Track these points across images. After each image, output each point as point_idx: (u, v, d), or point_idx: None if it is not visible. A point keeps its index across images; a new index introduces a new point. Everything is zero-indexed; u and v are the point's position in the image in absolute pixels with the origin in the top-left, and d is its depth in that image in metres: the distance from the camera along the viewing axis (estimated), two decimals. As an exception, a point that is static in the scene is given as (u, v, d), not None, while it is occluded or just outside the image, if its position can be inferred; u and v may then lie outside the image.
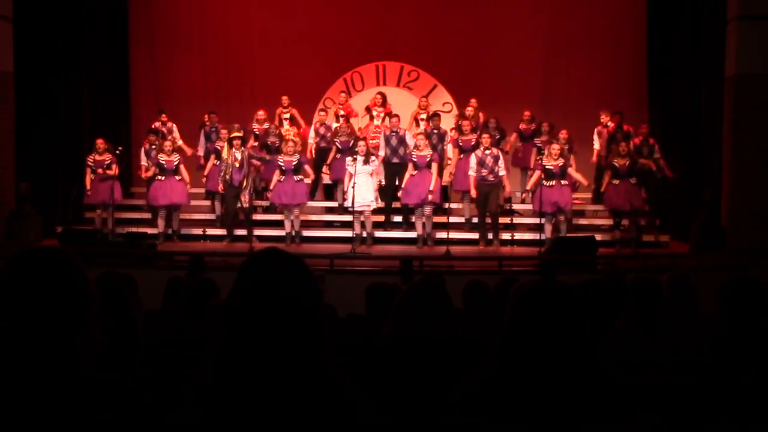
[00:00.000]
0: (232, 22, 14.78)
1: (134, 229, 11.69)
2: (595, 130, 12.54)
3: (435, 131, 12.08)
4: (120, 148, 12.38)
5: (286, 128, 12.74)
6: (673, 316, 4.26)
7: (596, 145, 12.47)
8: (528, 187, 11.70)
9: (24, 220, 11.69)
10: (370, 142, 12.72)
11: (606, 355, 3.39)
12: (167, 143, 11.84)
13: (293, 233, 11.52)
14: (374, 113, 12.98)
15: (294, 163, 11.39)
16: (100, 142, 11.82)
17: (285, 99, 13.02)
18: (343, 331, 4.57)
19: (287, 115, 12.99)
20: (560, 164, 11.06)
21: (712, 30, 11.93)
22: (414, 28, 14.56)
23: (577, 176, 11.49)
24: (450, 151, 12.18)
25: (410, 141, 11.79)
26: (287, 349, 1.75)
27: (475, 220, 11.75)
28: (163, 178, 11.60)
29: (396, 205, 11.95)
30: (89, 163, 11.76)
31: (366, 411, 1.79)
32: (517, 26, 14.53)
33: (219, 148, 11.84)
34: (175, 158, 11.68)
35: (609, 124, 12.45)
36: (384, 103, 12.96)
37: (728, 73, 11.47)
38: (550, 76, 14.56)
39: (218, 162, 11.74)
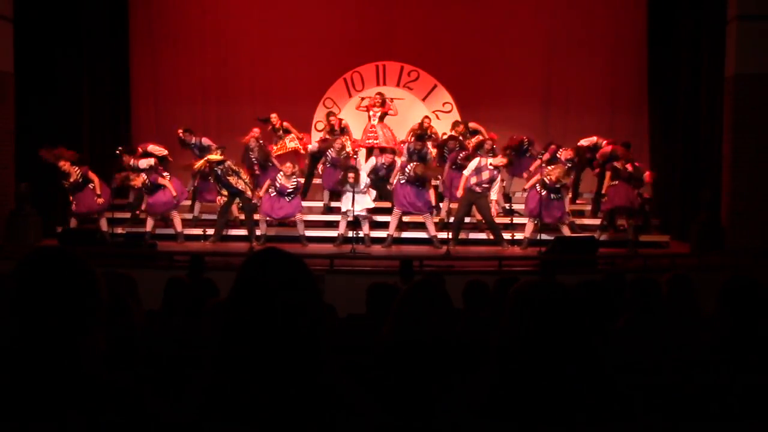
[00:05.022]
0: (232, 22, 14.76)
1: (132, 230, 11.68)
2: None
3: (418, 151, 12.01)
4: (120, 148, 12.37)
5: (291, 135, 12.90)
6: (673, 316, 4.26)
7: (584, 142, 12.34)
8: (526, 187, 11.68)
9: (24, 220, 11.68)
10: (366, 141, 12.80)
11: (606, 355, 3.38)
12: (132, 176, 11.70)
13: (299, 236, 11.53)
14: (371, 113, 12.98)
15: (289, 190, 11.39)
16: (65, 165, 11.50)
17: (275, 117, 13.16)
18: (343, 331, 4.57)
19: (283, 130, 13.20)
20: (557, 186, 11.06)
21: (712, 30, 11.94)
22: (414, 28, 14.56)
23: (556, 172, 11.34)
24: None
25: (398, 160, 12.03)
26: (286, 349, 1.75)
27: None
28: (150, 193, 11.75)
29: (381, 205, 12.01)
30: (66, 186, 11.60)
31: (365, 411, 1.79)
32: (517, 26, 14.53)
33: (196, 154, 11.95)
34: (144, 176, 11.67)
35: (602, 142, 12.30)
36: (383, 103, 12.96)
37: (728, 73, 11.47)
38: (550, 76, 14.56)
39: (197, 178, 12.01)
